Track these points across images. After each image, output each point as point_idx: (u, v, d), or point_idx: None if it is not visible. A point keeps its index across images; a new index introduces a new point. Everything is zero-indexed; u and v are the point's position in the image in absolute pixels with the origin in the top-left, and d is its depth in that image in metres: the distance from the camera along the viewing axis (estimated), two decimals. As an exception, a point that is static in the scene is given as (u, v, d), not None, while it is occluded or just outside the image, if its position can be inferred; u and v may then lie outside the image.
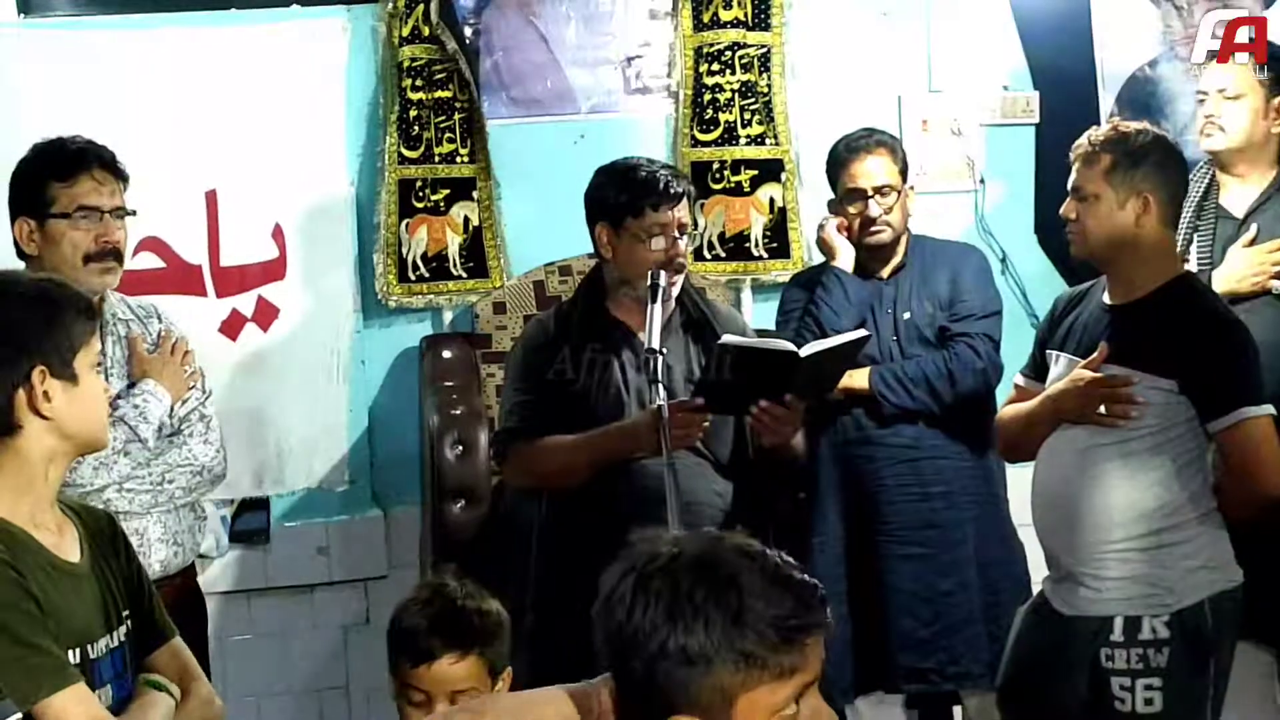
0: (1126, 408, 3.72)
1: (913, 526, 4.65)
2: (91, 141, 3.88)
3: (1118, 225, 3.79)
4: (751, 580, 2.12)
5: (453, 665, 3.01)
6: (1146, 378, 3.72)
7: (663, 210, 4.04)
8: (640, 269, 4.03)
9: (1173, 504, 3.75)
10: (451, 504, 5.05)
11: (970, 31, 5.76)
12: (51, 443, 2.73)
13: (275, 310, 5.33)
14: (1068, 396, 3.81)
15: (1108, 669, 3.75)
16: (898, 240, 4.71)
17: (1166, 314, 3.78)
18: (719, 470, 4.12)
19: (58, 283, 2.83)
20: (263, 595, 5.45)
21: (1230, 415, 3.69)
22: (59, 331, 2.71)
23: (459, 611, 3.06)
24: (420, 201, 5.42)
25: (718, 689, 2.08)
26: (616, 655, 2.15)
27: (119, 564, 2.87)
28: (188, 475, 3.88)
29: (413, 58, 5.36)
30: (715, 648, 2.07)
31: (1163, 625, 3.73)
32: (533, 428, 4.10)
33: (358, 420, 5.48)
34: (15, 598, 2.59)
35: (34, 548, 2.68)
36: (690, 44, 5.57)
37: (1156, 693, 3.73)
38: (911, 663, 4.61)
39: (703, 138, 5.58)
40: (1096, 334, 3.84)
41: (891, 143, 4.76)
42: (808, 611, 2.13)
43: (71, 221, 3.80)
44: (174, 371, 3.94)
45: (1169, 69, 5.83)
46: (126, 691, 2.81)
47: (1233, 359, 3.77)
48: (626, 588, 2.14)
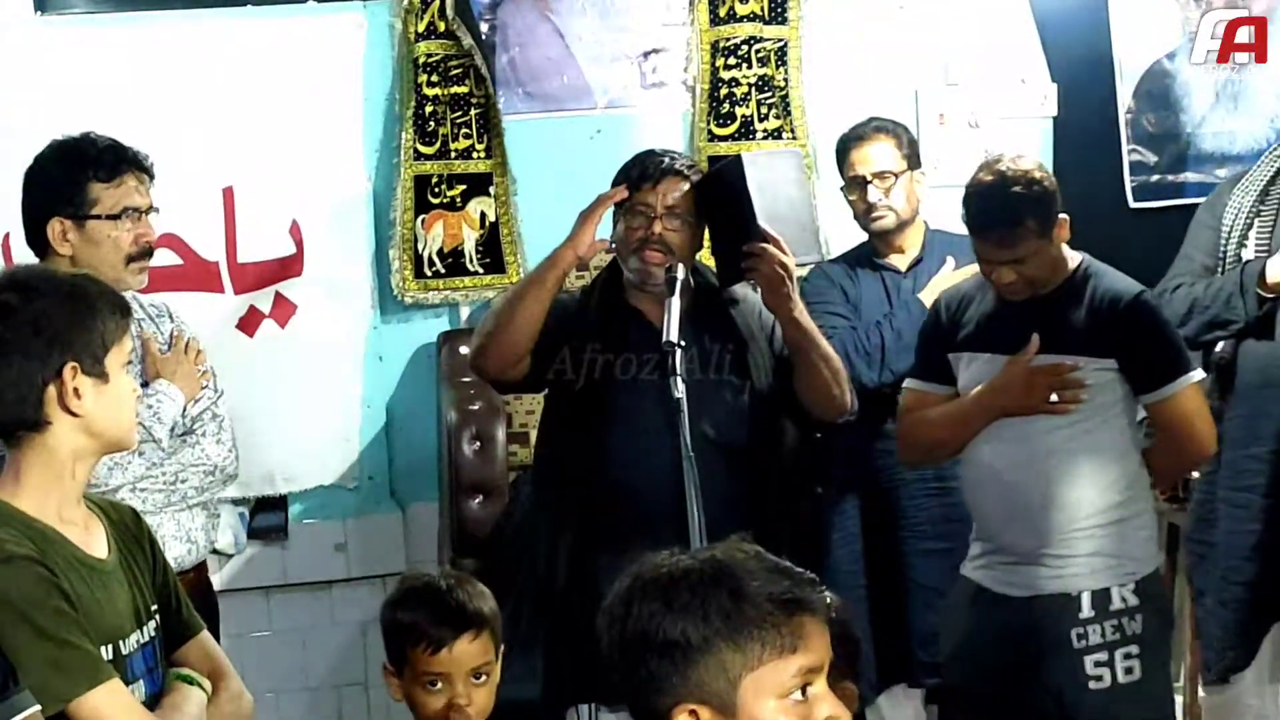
0: (1076, 392, 3.78)
1: (932, 521, 4.64)
2: (113, 139, 3.87)
3: (1054, 258, 3.87)
4: (748, 565, 2.15)
5: (470, 643, 3.11)
6: (1089, 360, 3.80)
7: (645, 189, 4.02)
8: (624, 249, 4.03)
9: (1130, 475, 3.86)
10: (469, 500, 5.07)
11: (987, 24, 5.76)
12: (80, 440, 2.72)
13: (292, 306, 5.33)
14: (1010, 391, 3.84)
15: (1080, 649, 3.80)
16: (904, 227, 4.71)
17: (1089, 299, 3.85)
18: (735, 463, 4.08)
19: (93, 280, 2.82)
20: (281, 592, 5.47)
21: (1170, 386, 3.82)
22: (92, 329, 2.70)
23: (458, 597, 3.15)
24: (436, 197, 5.42)
25: (720, 670, 2.09)
26: (621, 657, 2.16)
27: (145, 560, 2.87)
28: (200, 475, 3.87)
29: (429, 53, 5.37)
30: (715, 629, 2.09)
31: (1131, 594, 3.82)
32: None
33: (375, 416, 5.49)
34: (47, 595, 2.59)
35: (63, 545, 2.68)
36: (707, 38, 5.57)
37: (1135, 660, 3.80)
38: (931, 657, 4.59)
39: (719, 132, 5.58)
40: (1014, 328, 3.87)
41: (894, 129, 4.75)
42: (803, 590, 2.15)
43: (117, 222, 3.78)
44: (187, 371, 3.93)
45: (1187, 61, 5.82)
46: (158, 686, 2.82)
47: (1165, 332, 3.90)
48: (624, 592, 2.17)
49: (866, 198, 4.67)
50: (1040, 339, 3.81)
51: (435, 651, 3.09)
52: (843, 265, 4.81)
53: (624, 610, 2.15)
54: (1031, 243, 3.79)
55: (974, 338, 3.99)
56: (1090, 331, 3.82)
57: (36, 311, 2.67)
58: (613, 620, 2.17)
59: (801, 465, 4.32)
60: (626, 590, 2.17)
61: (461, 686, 3.09)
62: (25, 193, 3.84)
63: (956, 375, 4.02)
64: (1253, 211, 4.56)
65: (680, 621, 2.10)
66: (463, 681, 3.10)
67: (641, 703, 2.16)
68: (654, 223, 3.99)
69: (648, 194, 4.02)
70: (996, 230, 3.81)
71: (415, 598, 3.18)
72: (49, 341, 2.67)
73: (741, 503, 4.02)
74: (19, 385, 2.66)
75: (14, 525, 2.64)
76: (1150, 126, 5.84)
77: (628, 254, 4.02)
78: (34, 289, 2.70)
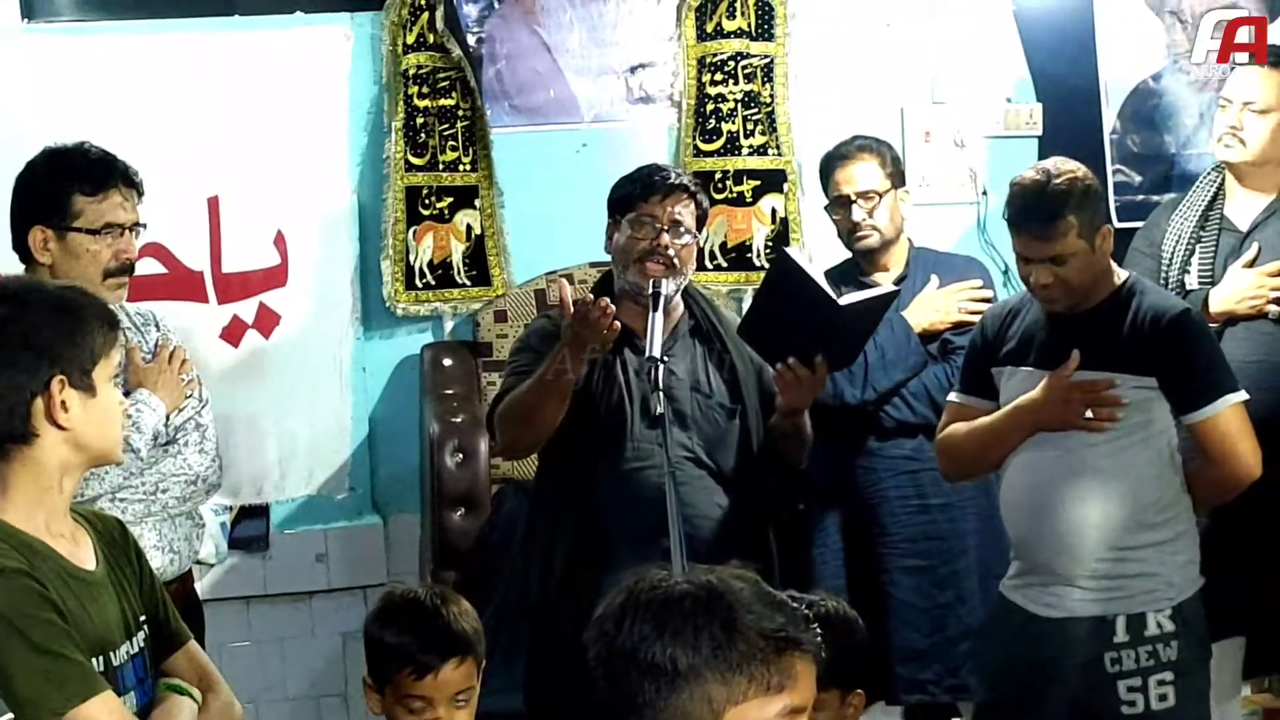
0: (1112, 410, 3.74)
1: (913, 538, 4.64)
2: (107, 151, 3.85)
3: (1096, 268, 3.82)
4: (743, 596, 2.13)
5: (455, 670, 3.10)
6: (1128, 378, 3.75)
7: (652, 201, 4.03)
8: (627, 259, 4.02)
9: (1169, 498, 3.80)
10: (451, 512, 5.06)
11: (974, 43, 5.77)
12: (66, 453, 2.71)
13: (277, 317, 5.33)
14: (1048, 406, 3.80)
15: (1114, 673, 3.75)
16: (888, 245, 4.70)
17: (1132, 316, 3.80)
18: (721, 483, 4.10)
19: (82, 292, 2.81)
20: (261, 602, 5.45)
21: (1211, 406, 3.75)
22: (80, 342, 2.70)
23: (446, 619, 3.14)
24: (426, 209, 5.43)
25: (704, 700, 2.07)
26: (606, 673, 2.15)
27: (133, 570, 2.86)
28: (182, 484, 3.84)
29: (417, 65, 5.37)
30: (704, 658, 2.07)
31: (1167, 619, 3.76)
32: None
33: (358, 428, 5.49)
34: (38, 608, 2.58)
35: (52, 557, 2.67)
36: (693, 53, 5.58)
37: (1170, 687, 3.75)
38: (910, 674, 4.60)
39: (705, 148, 5.59)
40: (1056, 343, 3.84)
41: (878, 148, 4.73)
42: (798, 628, 2.13)
43: (97, 237, 3.77)
44: (170, 380, 3.90)
45: (1172, 81, 5.85)
46: (148, 697, 2.81)
47: (1206, 350, 3.84)
48: (617, 608, 2.15)
49: (850, 217, 4.66)
50: (1081, 355, 3.76)
51: (420, 677, 3.09)
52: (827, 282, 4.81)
53: (615, 627, 2.13)
54: (1071, 241, 3.75)
55: (1015, 352, 3.95)
56: (1131, 348, 3.77)
57: (25, 324, 2.66)
58: (602, 634, 2.15)
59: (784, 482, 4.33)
60: (620, 606, 2.15)
61: (444, 711, 3.09)
62: (12, 198, 3.84)
63: (999, 390, 3.99)
64: (1193, 238, 4.58)
65: (670, 646, 2.08)
66: (445, 706, 3.09)
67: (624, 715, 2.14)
68: (661, 235, 4.00)
69: (654, 206, 4.02)
70: (1035, 223, 3.78)
71: (402, 617, 3.16)
72: (37, 354, 2.66)
73: (727, 520, 4.03)
74: (7, 398, 2.65)
75: (2, 538, 2.63)
76: (1135, 146, 5.85)
77: (629, 264, 4.02)
78: (23, 301, 2.69)
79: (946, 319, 4.63)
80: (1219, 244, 4.60)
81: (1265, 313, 4.48)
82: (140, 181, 3.85)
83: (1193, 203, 4.67)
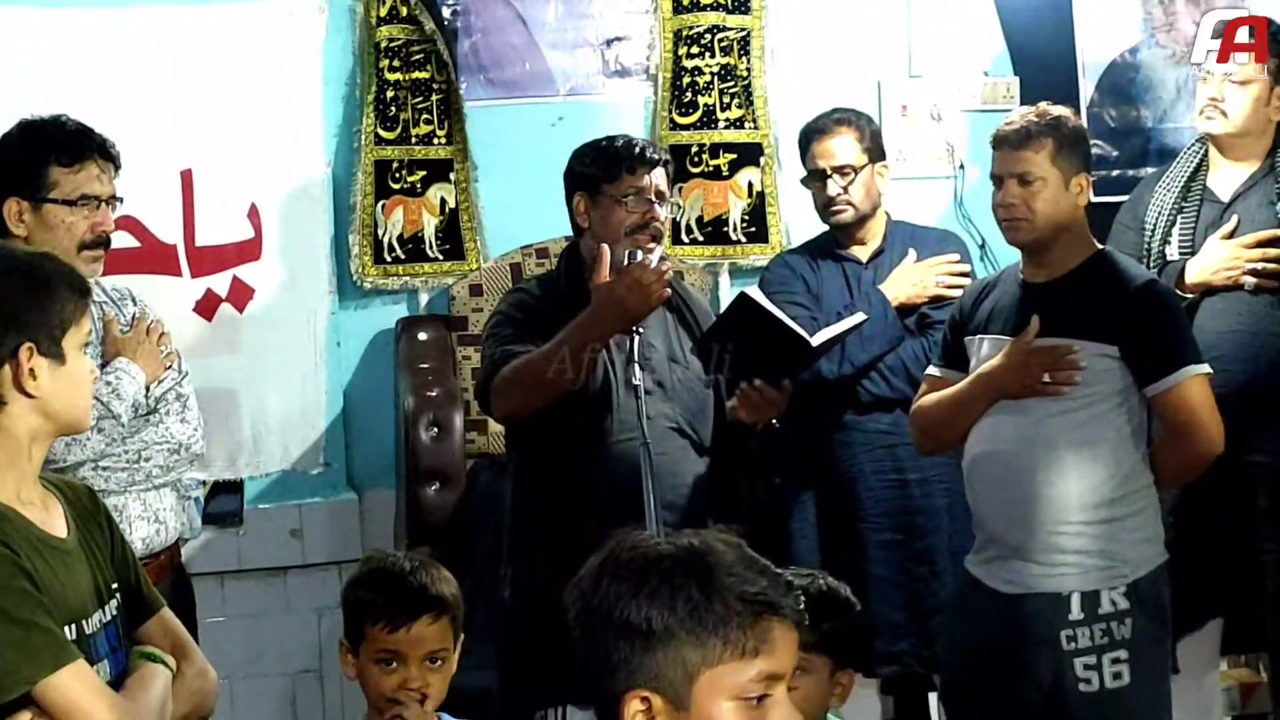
0: (1070, 374, 3.76)
1: (889, 513, 4.65)
2: (83, 124, 3.84)
3: (1063, 208, 3.84)
4: (725, 558, 2.11)
5: (429, 626, 3.11)
6: (1089, 345, 3.77)
7: (639, 174, 4.01)
8: (616, 234, 3.99)
9: (1125, 473, 3.80)
10: (426, 486, 5.06)
11: (951, 17, 5.76)
12: (35, 422, 2.70)
13: (250, 291, 5.30)
14: (1007, 371, 3.82)
15: (1070, 651, 3.77)
16: (865, 220, 4.70)
17: (1098, 285, 3.83)
18: (700, 452, 4.10)
19: (51, 258, 2.80)
20: (235, 577, 5.42)
21: (1174, 375, 3.76)
22: (50, 309, 2.68)
23: (423, 578, 3.15)
24: (397, 183, 5.39)
25: (679, 662, 2.06)
26: (584, 633, 2.14)
27: (104, 537, 2.84)
28: (164, 453, 3.86)
29: (390, 38, 5.34)
30: (679, 619, 2.06)
31: (1121, 597, 3.77)
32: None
33: (333, 402, 5.46)
34: (9, 576, 2.56)
35: (23, 525, 2.65)
36: (670, 26, 5.55)
37: (1124, 665, 3.76)
38: (886, 646, 4.60)
39: (681, 121, 5.57)
40: (1023, 311, 3.86)
41: (856, 121, 4.73)
42: (778, 592, 2.11)
43: (73, 209, 3.76)
44: (148, 351, 3.91)
45: (1149, 55, 5.85)
46: (122, 666, 2.79)
47: (1171, 321, 3.86)
48: (597, 567, 2.14)
49: (825, 191, 4.66)
50: (1045, 322, 3.78)
51: (394, 630, 3.09)
52: (804, 255, 4.81)
53: (593, 585, 2.12)
54: (1041, 162, 3.80)
55: (985, 321, 3.98)
56: (1095, 316, 3.79)
57: None
58: (581, 593, 2.14)
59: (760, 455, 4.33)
60: (599, 565, 2.14)
61: (416, 669, 3.09)
62: None
63: (970, 360, 4.01)
64: (1175, 209, 4.59)
65: (646, 607, 2.07)
66: (417, 664, 3.10)
67: (596, 680, 2.13)
68: (653, 208, 3.98)
69: (642, 177, 4.01)
70: (1013, 138, 3.84)
71: (379, 576, 3.17)
72: (6, 322, 2.64)
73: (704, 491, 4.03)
74: None
75: None
76: (1112, 121, 5.85)
77: (619, 238, 3.99)
78: None
79: (924, 293, 4.63)
80: (1200, 215, 4.61)
81: (1241, 284, 4.48)
82: (117, 155, 3.85)
83: (1175, 175, 4.68)
